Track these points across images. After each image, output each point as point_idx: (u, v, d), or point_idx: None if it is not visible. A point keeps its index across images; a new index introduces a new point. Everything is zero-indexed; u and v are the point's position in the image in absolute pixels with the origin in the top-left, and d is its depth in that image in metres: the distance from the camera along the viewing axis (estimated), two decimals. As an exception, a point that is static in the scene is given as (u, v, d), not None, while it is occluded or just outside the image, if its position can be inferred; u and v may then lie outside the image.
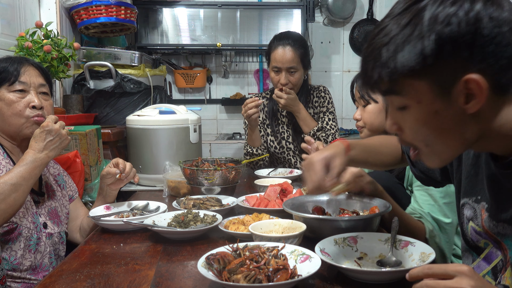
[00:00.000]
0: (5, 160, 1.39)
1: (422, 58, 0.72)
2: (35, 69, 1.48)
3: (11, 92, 1.41)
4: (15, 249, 1.34)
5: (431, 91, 0.76)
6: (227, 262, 0.95)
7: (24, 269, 1.36)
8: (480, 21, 0.71)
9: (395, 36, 0.75)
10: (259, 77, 3.86)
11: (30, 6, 2.37)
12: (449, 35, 0.71)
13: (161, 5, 3.46)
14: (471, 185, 0.98)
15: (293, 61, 2.21)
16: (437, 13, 0.71)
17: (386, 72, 0.76)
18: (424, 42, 0.72)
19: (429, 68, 0.73)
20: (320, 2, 3.73)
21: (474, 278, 0.71)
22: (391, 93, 0.80)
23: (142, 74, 2.59)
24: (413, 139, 0.84)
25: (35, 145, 1.34)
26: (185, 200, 1.55)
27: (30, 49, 2.06)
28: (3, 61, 1.44)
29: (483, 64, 0.72)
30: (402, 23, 0.74)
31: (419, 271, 0.75)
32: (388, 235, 1.12)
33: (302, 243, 1.13)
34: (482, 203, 0.94)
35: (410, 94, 0.78)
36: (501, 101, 0.78)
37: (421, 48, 0.72)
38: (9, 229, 1.33)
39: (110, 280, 1.02)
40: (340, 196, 1.41)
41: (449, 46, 0.71)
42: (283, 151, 2.39)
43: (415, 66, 0.73)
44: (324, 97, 2.36)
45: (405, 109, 0.80)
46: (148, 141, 2.01)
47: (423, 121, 0.79)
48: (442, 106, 0.76)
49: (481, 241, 0.96)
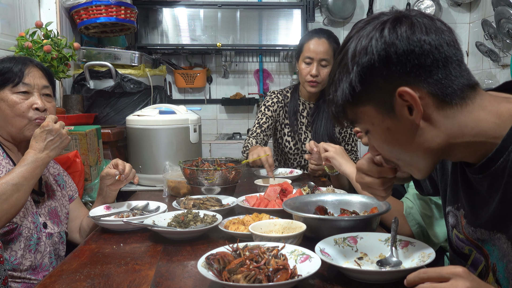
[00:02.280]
0: (4, 160, 1.39)
1: (351, 88, 0.84)
2: (39, 70, 1.48)
3: (15, 94, 1.41)
4: (15, 249, 1.34)
5: (378, 112, 0.85)
6: (227, 262, 0.95)
7: (24, 269, 1.36)
8: (392, 45, 0.80)
9: (334, 76, 0.88)
10: (259, 77, 3.86)
11: (30, 6, 2.37)
12: (368, 63, 0.81)
13: (161, 5, 3.47)
14: (453, 193, 1.01)
15: (327, 53, 2.20)
16: (355, 49, 0.83)
17: (334, 108, 0.89)
18: (350, 75, 0.83)
19: (363, 94, 0.84)
20: (320, 2, 3.74)
21: (469, 279, 0.72)
22: (353, 123, 0.91)
23: (142, 74, 2.59)
24: (386, 156, 0.92)
25: (35, 145, 1.34)
26: (185, 200, 1.55)
27: (30, 49, 2.06)
28: (7, 61, 1.44)
29: (409, 77, 0.80)
30: (337, 64, 0.88)
31: (415, 276, 0.76)
32: (388, 235, 1.12)
33: (302, 243, 1.13)
34: (461, 210, 0.97)
35: (363, 119, 0.88)
36: (454, 108, 0.82)
37: (350, 81, 0.84)
38: (9, 229, 1.33)
39: (110, 280, 1.02)
40: (340, 196, 1.42)
41: (370, 71, 0.82)
42: (298, 152, 2.36)
43: (349, 97, 0.85)
44: None
45: (368, 132, 0.90)
46: (148, 141, 2.01)
47: (382, 139, 0.88)
48: (391, 122, 0.84)
49: (465, 247, 0.97)
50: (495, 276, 0.89)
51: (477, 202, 0.91)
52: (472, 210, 0.93)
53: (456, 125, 0.83)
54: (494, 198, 0.85)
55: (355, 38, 0.84)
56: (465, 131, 0.83)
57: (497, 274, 0.88)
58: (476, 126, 0.83)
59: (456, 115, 0.82)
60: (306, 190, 1.63)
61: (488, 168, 0.84)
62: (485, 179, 0.86)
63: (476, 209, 0.91)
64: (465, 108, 0.83)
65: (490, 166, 0.84)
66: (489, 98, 0.85)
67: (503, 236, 0.85)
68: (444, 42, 0.81)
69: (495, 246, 0.88)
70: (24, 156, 1.33)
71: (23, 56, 1.52)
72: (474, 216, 0.92)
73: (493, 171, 0.84)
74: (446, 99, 0.81)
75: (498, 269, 0.88)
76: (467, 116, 0.83)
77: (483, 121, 0.83)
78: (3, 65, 1.42)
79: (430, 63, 0.80)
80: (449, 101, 0.82)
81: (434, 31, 0.81)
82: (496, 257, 0.88)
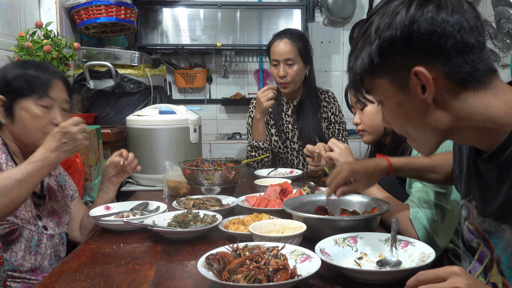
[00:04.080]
0: (8, 163, 1.39)
1: (370, 60, 0.86)
2: (62, 83, 1.47)
3: (38, 106, 1.40)
4: (15, 250, 1.34)
5: (392, 86, 0.87)
6: (227, 262, 0.95)
7: (24, 271, 1.36)
8: (415, 22, 0.81)
9: (356, 45, 0.91)
10: (259, 77, 3.86)
11: (30, 6, 2.37)
12: (389, 38, 0.83)
13: (161, 5, 3.46)
14: (466, 186, 1.02)
15: (290, 52, 2.23)
16: (380, 22, 0.85)
17: (352, 76, 0.92)
18: (371, 47, 0.85)
19: (380, 67, 0.86)
20: (320, 2, 3.73)
21: (466, 276, 0.73)
22: (368, 92, 0.94)
23: (142, 74, 2.59)
24: (397, 130, 0.96)
25: (48, 143, 1.31)
26: (185, 200, 1.55)
27: (30, 49, 2.06)
28: (33, 67, 1.43)
29: (427, 57, 0.82)
30: (361, 34, 0.90)
31: (414, 280, 0.77)
32: (388, 235, 1.12)
33: (302, 243, 1.13)
34: (473, 202, 0.98)
35: (378, 91, 0.91)
36: (467, 92, 0.84)
37: (370, 52, 0.86)
38: (11, 230, 1.33)
39: (110, 280, 1.02)
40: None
41: (390, 47, 0.83)
42: (287, 151, 2.39)
43: (367, 67, 0.87)
44: (334, 104, 2.38)
45: (381, 104, 0.94)
46: (148, 141, 2.01)
47: (393, 113, 0.91)
48: (404, 98, 0.87)
49: (474, 240, 0.98)
50: (499, 267, 0.89)
51: (487, 192, 0.92)
52: (482, 200, 0.94)
53: (466, 108, 0.84)
54: (502, 188, 0.86)
55: (382, 11, 0.85)
56: (474, 116, 0.85)
57: (501, 265, 0.89)
58: (485, 112, 0.84)
59: (468, 99, 0.84)
60: (306, 190, 1.63)
61: (497, 157, 0.86)
62: (494, 169, 0.88)
63: (486, 199, 0.93)
64: (477, 93, 0.84)
65: (499, 155, 0.85)
66: (503, 87, 0.86)
67: (508, 227, 0.86)
68: (468, 25, 0.81)
69: (500, 238, 0.88)
70: (34, 153, 1.30)
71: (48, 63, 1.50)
72: (484, 206, 0.93)
73: (502, 160, 0.85)
74: (460, 82, 0.83)
75: (502, 259, 0.88)
76: (478, 101, 0.84)
77: (493, 107, 0.84)
78: (30, 73, 1.41)
79: (450, 46, 0.81)
80: (462, 85, 0.83)
81: (459, 12, 0.81)
82: (500, 248, 0.89)
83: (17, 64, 1.47)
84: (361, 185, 1.30)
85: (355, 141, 3.39)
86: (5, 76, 1.41)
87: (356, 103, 1.70)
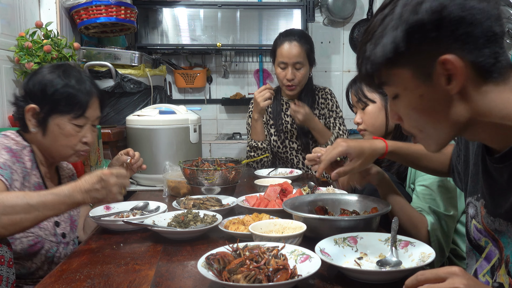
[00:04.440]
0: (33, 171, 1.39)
1: (394, 46, 0.80)
2: (98, 100, 1.46)
3: (72, 124, 1.39)
4: (35, 261, 1.36)
5: (414, 77, 0.82)
6: (227, 262, 0.95)
7: (37, 277, 1.37)
8: (446, 7, 0.76)
9: (375, 32, 0.83)
10: (259, 77, 3.85)
11: (30, 6, 2.37)
12: (417, 23, 0.78)
13: (161, 5, 3.46)
14: (473, 184, 1.00)
15: (300, 56, 2.23)
16: (406, 6, 0.79)
17: (370, 66, 0.85)
18: (396, 32, 0.79)
19: (404, 55, 0.80)
20: (320, 2, 3.73)
21: (465, 277, 0.73)
22: (383, 85, 0.88)
23: (142, 74, 2.59)
24: (409, 126, 0.91)
25: (81, 183, 1.19)
26: (185, 200, 1.55)
27: (30, 49, 2.06)
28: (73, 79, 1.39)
29: (456, 45, 0.78)
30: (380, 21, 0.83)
31: (413, 279, 0.77)
32: (388, 235, 1.12)
33: (302, 243, 1.13)
34: (481, 200, 0.96)
35: (396, 82, 0.85)
36: (488, 85, 0.81)
37: (394, 38, 0.80)
38: (34, 243, 1.34)
39: (110, 280, 1.02)
40: (340, 196, 1.42)
41: (418, 32, 0.78)
42: (286, 150, 2.39)
43: (390, 55, 0.81)
44: (331, 100, 2.38)
45: (397, 97, 0.88)
46: (148, 141, 2.01)
47: (412, 106, 0.86)
48: (426, 90, 0.82)
49: (482, 239, 0.97)
50: (507, 267, 0.89)
51: (497, 192, 0.90)
52: (492, 200, 0.92)
53: (487, 102, 0.82)
54: None
55: None
56: (493, 111, 0.82)
57: (509, 266, 0.88)
58: (504, 108, 0.81)
59: (488, 93, 0.81)
60: (306, 190, 1.63)
61: (510, 157, 0.84)
62: (506, 169, 0.86)
63: (496, 198, 0.91)
64: (497, 87, 0.81)
65: None
66: None
67: None
68: (494, 14, 0.79)
69: (510, 238, 0.87)
70: (63, 186, 1.19)
71: (86, 75, 1.45)
72: (494, 206, 0.91)
73: None
74: (483, 74, 0.80)
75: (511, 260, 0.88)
76: (498, 96, 0.81)
77: None
78: (70, 89, 1.37)
79: (478, 34, 0.77)
80: (485, 77, 0.80)
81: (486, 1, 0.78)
82: (510, 249, 0.88)
83: (57, 74, 1.39)
84: (357, 164, 1.25)
85: (355, 141, 3.40)
86: (44, 85, 1.37)
87: (357, 103, 1.70)
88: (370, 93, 1.65)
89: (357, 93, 1.68)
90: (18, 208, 1.09)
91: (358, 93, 1.68)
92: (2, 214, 1.07)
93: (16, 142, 1.38)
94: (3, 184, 1.20)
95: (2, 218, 1.07)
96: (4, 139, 1.36)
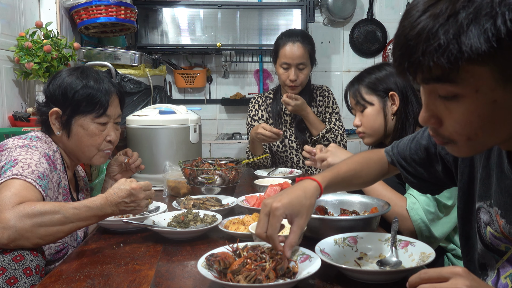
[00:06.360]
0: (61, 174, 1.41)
1: (495, 40, 0.62)
2: (117, 98, 1.49)
3: (95, 123, 1.43)
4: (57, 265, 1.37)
5: (493, 79, 0.67)
6: (227, 263, 0.95)
7: None
8: None
9: (453, 15, 0.64)
10: (259, 77, 3.85)
11: (30, 6, 2.37)
12: None
13: (161, 5, 3.46)
14: (484, 189, 0.95)
15: (303, 57, 2.23)
16: None
17: (447, 57, 0.65)
18: (497, 22, 0.62)
19: (498, 52, 0.64)
20: (320, 2, 3.74)
21: (469, 278, 0.72)
22: (443, 81, 0.69)
23: (142, 74, 2.59)
24: (455, 132, 0.74)
25: (112, 197, 1.21)
26: (185, 200, 1.55)
27: (30, 49, 2.06)
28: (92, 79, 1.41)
29: None
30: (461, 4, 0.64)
31: (416, 277, 0.76)
32: (388, 235, 1.12)
33: (302, 243, 1.13)
34: (495, 208, 0.90)
35: (467, 81, 0.68)
36: None
37: (491, 28, 0.62)
38: (61, 249, 1.36)
39: (110, 280, 1.02)
40: (340, 196, 1.42)
41: None
42: (286, 149, 2.40)
43: (485, 49, 0.63)
44: (328, 97, 2.39)
45: (455, 98, 0.71)
46: (148, 141, 2.01)
47: (477, 112, 0.70)
48: (502, 95, 0.68)
49: (502, 245, 0.93)
50: None
51: None
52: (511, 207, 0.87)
53: None
54: None
55: None
56: None
57: None
58: None
59: None
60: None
61: None
62: None
63: None
64: None
65: None
66: None
67: None
68: None
69: None
70: (94, 198, 1.21)
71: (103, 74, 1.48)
72: None
73: None
74: None
75: None
76: None
77: None
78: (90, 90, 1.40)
79: None
80: None
81: None
82: None
83: (76, 76, 1.43)
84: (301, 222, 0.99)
85: (355, 141, 3.40)
86: (64, 89, 1.40)
87: (356, 105, 1.70)
88: (368, 96, 1.65)
89: (355, 96, 1.69)
90: (54, 220, 1.12)
91: (356, 96, 1.68)
92: (40, 226, 1.10)
93: (48, 146, 1.40)
94: (40, 195, 1.21)
95: (39, 230, 1.10)
96: (39, 142, 1.37)
